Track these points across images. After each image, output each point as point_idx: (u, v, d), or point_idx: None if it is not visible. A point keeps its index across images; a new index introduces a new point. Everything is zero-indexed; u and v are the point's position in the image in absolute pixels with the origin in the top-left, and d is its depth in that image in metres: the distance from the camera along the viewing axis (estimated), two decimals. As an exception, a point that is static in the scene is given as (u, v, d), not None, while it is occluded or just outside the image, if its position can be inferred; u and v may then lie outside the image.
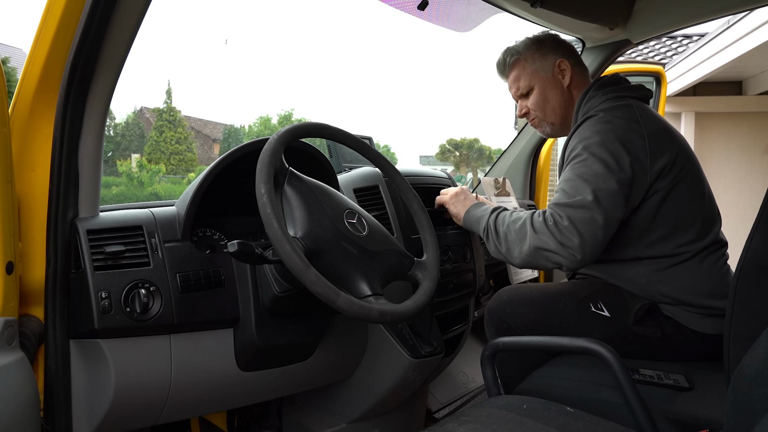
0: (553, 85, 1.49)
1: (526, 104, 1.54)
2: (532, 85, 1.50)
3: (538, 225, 1.24)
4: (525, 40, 1.53)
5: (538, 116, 1.52)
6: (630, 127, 1.28)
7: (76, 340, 0.99)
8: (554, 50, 1.49)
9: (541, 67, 1.49)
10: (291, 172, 1.01)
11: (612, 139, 1.26)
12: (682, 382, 1.11)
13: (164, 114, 25.89)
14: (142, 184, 18.44)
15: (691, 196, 1.30)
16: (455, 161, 29.67)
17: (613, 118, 1.30)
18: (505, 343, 1.16)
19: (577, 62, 1.51)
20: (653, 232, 1.28)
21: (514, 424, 0.89)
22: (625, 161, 1.24)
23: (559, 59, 1.48)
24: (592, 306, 1.30)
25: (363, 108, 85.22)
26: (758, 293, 0.86)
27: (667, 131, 1.34)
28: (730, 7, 1.73)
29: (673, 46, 7.39)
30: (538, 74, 1.49)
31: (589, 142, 1.27)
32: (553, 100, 1.49)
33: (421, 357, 1.29)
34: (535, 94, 1.50)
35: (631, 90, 1.40)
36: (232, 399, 1.17)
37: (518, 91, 1.54)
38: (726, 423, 0.68)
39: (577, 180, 1.24)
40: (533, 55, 1.50)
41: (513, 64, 1.53)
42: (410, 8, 1.57)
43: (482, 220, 1.37)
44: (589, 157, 1.25)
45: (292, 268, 0.85)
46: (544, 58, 1.49)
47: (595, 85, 1.42)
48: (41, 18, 0.92)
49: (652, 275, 1.30)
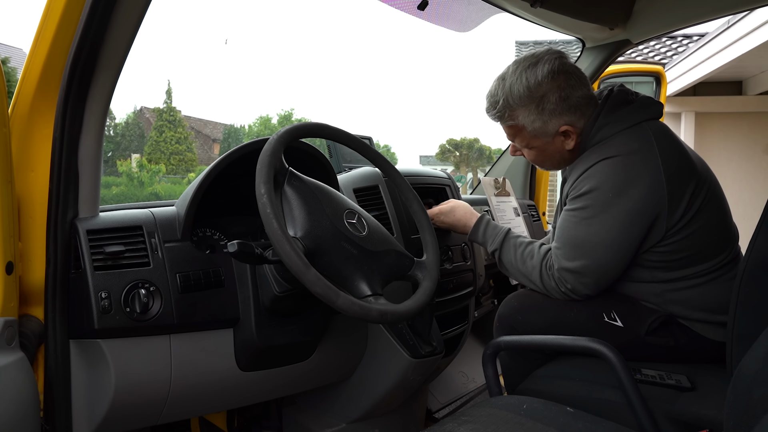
0: (553, 148, 1.34)
1: (522, 152, 1.41)
2: (529, 145, 1.36)
3: (546, 280, 1.30)
4: (522, 92, 1.27)
5: (536, 164, 1.45)
6: (648, 177, 1.20)
7: (76, 340, 0.99)
8: (559, 114, 1.27)
9: (541, 132, 1.30)
10: (291, 172, 1.01)
11: (626, 198, 1.19)
12: (684, 382, 1.11)
13: (164, 114, 25.88)
14: (142, 184, 18.43)
15: (712, 225, 1.26)
16: (455, 161, 29.66)
17: (631, 165, 1.20)
18: (507, 342, 1.16)
19: (583, 114, 1.29)
20: (672, 261, 1.25)
21: (514, 424, 0.89)
22: (639, 221, 1.20)
23: (564, 126, 1.28)
24: (606, 316, 1.27)
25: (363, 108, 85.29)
26: (761, 294, 0.86)
27: (687, 164, 1.26)
28: (730, 7, 1.74)
29: (673, 46, 7.39)
30: (536, 139, 1.32)
31: (601, 198, 1.20)
32: (552, 158, 1.37)
33: (421, 357, 1.29)
34: (532, 153, 1.38)
35: (644, 110, 1.29)
36: (232, 399, 1.17)
37: (513, 142, 1.41)
38: (726, 423, 0.68)
39: (583, 242, 1.23)
40: (533, 122, 1.29)
41: (509, 126, 1.35)
42: (410, 8, 1.57)
43: (488, 244, 1.41)
44: (597, 219, 1.21)
45: (292, 268, 0.85)
46: (546, 124, 1.29)
47: (604, 108, 1.29)
48: (41, 18, 0.92)
49: (667, 295, 1.27)
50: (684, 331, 1.26)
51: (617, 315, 1.27)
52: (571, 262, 1.24)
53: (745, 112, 6.14)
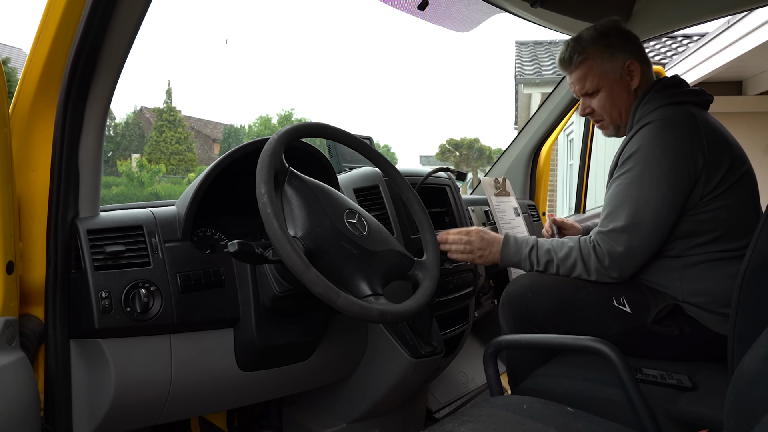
0: (620, 87, 1.41)
1: (590, 104, 1.47)
2: (599, 86, 1.43)
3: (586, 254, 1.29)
4: (592, 34, 1.42)
5: (604, 118, 1.47)
6: (690, 139, 1.25)
7: (77, 339, 0.99)
8: (623, 49, 1.40)
9: (610, 68, 1.41)
10: (291, 172, 1.01)
11: (670, 152, 1.24)
12: (685, 381, 1.11)
13: (164, 114, 25.87)
14: (142, 184, 18.42)
15: (743, 205, 1.29)
16: (455, 161, 29.63)
17: (674, 127, 1.26)
18: (508, 342, 1.15)
19: (644, 60, 1.42)
20: (701, 236, 1.27)
21: (515, 424, 0.89)
22: (683, 177, 1.23)
23: (629, 60, 1.40)
24: (615, 300, 1.29)
25: (363, 108, 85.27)
26: (762, 293, 0.86)
27: (726, 141, 1.31)
28: (730, 7, 1.74)
29: (673, 46, 7.39)
30: (606, 75, 1.41)
31: (648, 154, 1.25)
32: (620, 103, 1.43)
33: (421, 357, 1.29)
34: (601, 96, 1.44)
35: (692, 95, 1.35)
36: (232, 399, 1.17)
37: (583, 89, 1.46)
38: (726, 423, 0.68)
39: (635, 199, 1.25)
40: (602, 54, 1.41)
41: (580, 63, 1.44)
42: (410, 8, 1.57)
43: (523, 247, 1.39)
44: (646, 174, 1.25)
45: (292, 268, 0.85)
46: (613, 58, 1.40)
47: (656, 86, 1.37)
48: (41, 18, 0.92)
49: (686, 271, 1.28)
50: (689, 322, 1.27)
51: (626, 301, 1.28)
52: (623, 221, 1.25)
53: (745, 112, 6.13)
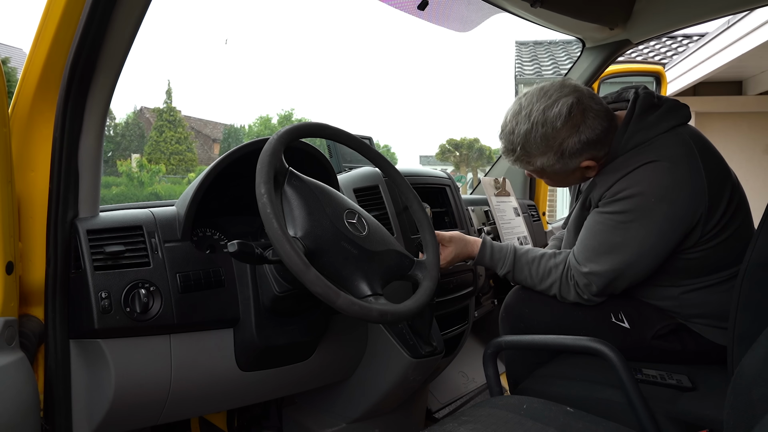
0: (573, 177, 1.34)
1: (536, 177, 1.43)
2: (552, 181, 1.39)
3: (565, 290, 1.27)
4: (540, 143, 1.23)
5: (553, 186, 1.45)
6: (691, 182, 1.17)
7: (76, 340, 0.99)
8: (579, 154, 1.24)
9: (562, 170, 1.29)
10: (291, 172, 1.01)
11: (669, 203, 1.16)
12: (685, 382, 1.11)
13: (164, 114, 25.86)
14: (142, 184, 18.42)
15: (741, 232, 1.23)
16: (455, 161, 29.62)
17: (675, 169, 1.17)
18: (508, 342, 1.15)
19: (605, 143, 1.25)
20: (697, 268, 1.23)
21: (514, 424, 0.89)
22: (678, 228, 1.17)
23: (585, 161, 1.26)
24: (613, 316, 1.26)
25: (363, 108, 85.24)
26: (761, 294, 0.86)
27: (723, 167, 1.25)
28: (730, 7, 1.74)
29: (673, 46, 7.39)
30: (557, 175, 1.33)
31: (643, 203, 1.17)
32: (572, 183, 1.40)
33: (421, 357, 1.28)
34: (550, 182, 1.39)
35: (675, 113, 1.25)
36: (232, 399, 1.17)
37: (530, 174, 1.39)
38: (726, 423, 0.68)
39: (618, 246, 1.20)
40: (553, 165, 1.27)
41: (528, 168, 1.34)
42: (410, 8, 1.57)
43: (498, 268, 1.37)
44: (636, 223, 1.18)
45: (292, 268, 0.85)
46: (566, 165, 1.27)
47: (634, 113, 1.25)
48: (41, 18, 0.92)
49: (684, 298, 1.25)
50: (693, 337, 1.25)
51: (625, 316, 1.26)
52: (601, 266, 1.21)
53: (745, 112, 6.13)
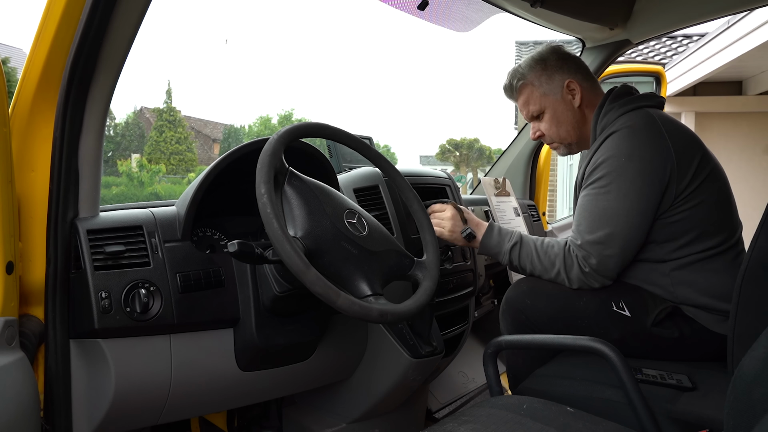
0: (563, 107, 1.46)
1: (539, 127, 1.52)
2: (542, 108, 1.48)
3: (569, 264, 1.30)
4: (529, 62, 1.50)
5: (552, 138, 1.51)
6: (655, 142, 1.27)
7: (76, 340, 0.99)
8: (560, 69, 1.46)
9: (549, 90, 1.46)
10: (291, 172, 1.01)
11: (636, 159, 1.25)
12: (685, 382, 1.11)
13: (164, 114, 25.87)
14: (142, 184, 18.42)
15: (717, 200, 1.31)
16: (455, 161, 29.63)
17: (637, 132, 1.28)
18: (508, 342, 1.15)
19: (585, 77, 1.48)
20: (681, 237, 1.28)
21: (514, 424, 0.89)
22: (652, 182, 1.24)
23: (567, 80, 1.45)
24: (614, 305, 1.29)
25: (363, 108, 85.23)
26: (762, 293, 0.86)
27: (690, 138, 1.33)
28: (730, 7, 1.74)
29: (673, 46, 7.39)
30: (547, 97, 1.47)
31: (614, 164, 1.27)
32: (566, 122, 1.47)
33: (421, 357, 1.29)
34: (546, 118, 1.49)
35: (646, 99, 1.39)
36: (232, 399, 1.17)
37: (528, 113, 1.52)
38: (726, 423, 0.68)
39: (604, 210, 1.26)
40: (539, 78, 1.47)
41: (520, 89, 1.51)
42: (410, 8, 1.57)
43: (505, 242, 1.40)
44: (613, 185, 1.26)
45: (292, 268, 0.85)
46: (551, 79, 1.46)
47: (609, 98, 1.41)
48: (41, 18, 0.92)
49: (676, 276, 1.29)
50: (688, 323, 1.27)
51: (625, 305, 1.29)
52: (593, 233, 1.27)
53: (745, 112, 6.14)
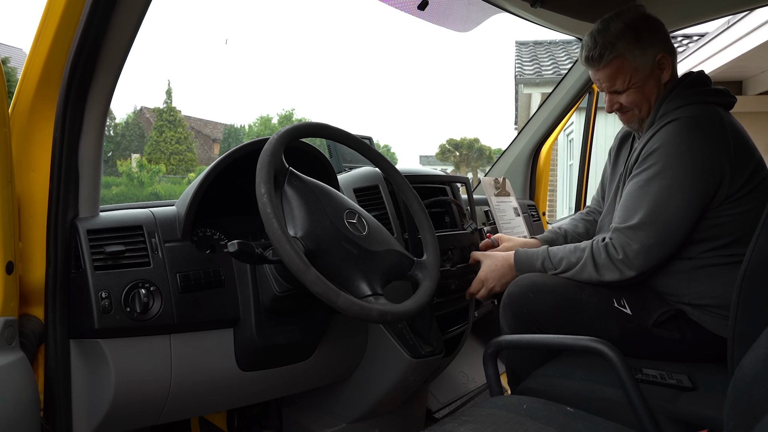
0: (652, 83, 1.37)
1: (619, 100, 1.41)
2: (630, 83, 1.37)
3: (597, 254, 1.27)
4: (620, 27, 1.35)
5: (634, 113, 1.41)
6: (717, 140, 1.23)
7: (76, 339, 0.99)
8: (653, 43, 1.35)
9: (642, 64, 1.35)
10: (291, 172, 1.01)
11: (696, 151, 1.21)
12: (685, 381, 1.11)
13: (164, 114, 25.85)
14: (142, 184, 18.41)
15: (760, 211, 1.26)
16: (455, 161, 29.62)
17: (701, 126, 1.24)
18: (508, 342, 1.15)
19: (672, 51, 1.38)
20: (717, 240, 1.26)
21: (515, 424, 0.89)
22: (708, 179, 1.21)
23: (660, 54, 1.35)
24: (615, 301, 1.28)
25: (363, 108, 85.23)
26: (762, 293, 0.86)
27: (749, 143, 1.30)
28: (730, 7, 1.74)
29: (673, 46, 7.38)
30: (637, 72, 1.36)
31: (673, 151, 1.22)
32: (651, 97, 1.38)
33: (421, 357, 1.29)
34: (631, 92, 1.38)
35: (718, 95, 1.33)
36: (232, 399, 1.17)
37: (612, 86, 1.40)
38: (726, 423, 0.68)
39: (654, 196, 1.22)
40: (633, 51, 1.35)
41: (611, 61, 1.37)
42: (410, 8, 1.57)
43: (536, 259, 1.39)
44: (669, 171, 1.22)
45: (292, 268, 0.85)
46: (644, 53, 1.35)
47: (683, 82, 1.36)
48: (41, 18, 0.92)
49: (696, 273, 1.27)
50: (691, 326, 1.26)
51: (627, 302, 1.28)
52: (638, 217, 1.22)
53: (745, 112, 6.12)
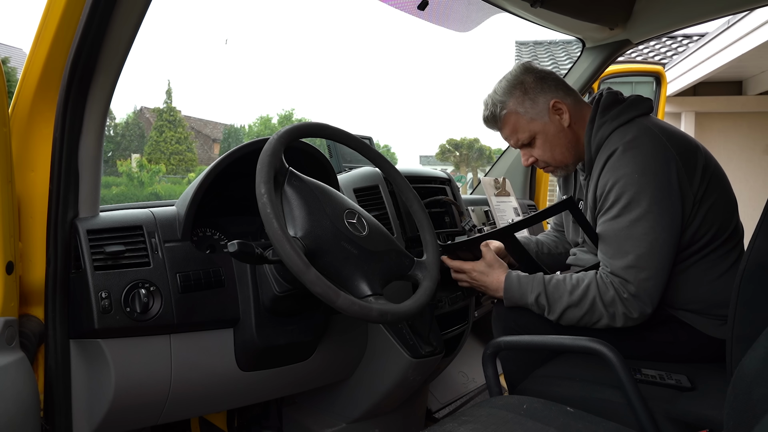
0: (554, 128, 1.36)
1: (531, 153, 1.41)
2: (532, 134, 1.38)
3: (604, 293, 1.21)
4: (505, 87, 1.38)
5: (548, 162, 1.41)
6: (660, 153, 1.22)
7: (76, 340, 0.99)
8: (541, 90, 1.36)
9: (536, 114, 1.36)
10: (291, 172, 1.01)
11: (651, 173, 1.20)
12: (684, 382, 1.11)
13: (164, 114, 25.83)
14: (142, 184, 18.40)
15: (723, 202, 1.27)
16: (455, 161, 29.61)
17: (640, 146, 1.23)
18: (507, 342, 1.15)
19: (566, 93, 1.38)
20: (696, 243, 1.25)
21: (514, 424, 0.89)
22: (671, 194, 1.20)
23: (552, 100, 1.36)
24: None
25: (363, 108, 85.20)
26: (761, 293, 0.86)
27: (688, 141, 1.29)
28: (730, 7, 1.74)
29: (673, 46, 7.39)
30: (535, 122, 1.36)
31: (627, 182, 1.20)
32: (559, 144, 1.37)
33: (421, 357, 1.29)
34: (538, 143, 1.39)
35: (635, 107, 1.32)
36: (232, 399, 1.17)
37: (518, 142, 1.41)
38: (726, 423, 0.68)
39: (629, 234, 1.20)
40: (522, 103, 1.36)
41: (504, 118, 1.39)
42: (410, 8, 1.57)
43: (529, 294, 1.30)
44: (633, 204, 1.20)
45: (292, 268, 0.85)
46: (535, 103, 1.36)
47: (597, 110, 1.33)
48: (41, 18, 0.92)
49: (681, 279, 1.26)
50: (684, 328, 1.26)
51: None
52: (624, 258, 1.20)
53: (745, 112, 6.14)
